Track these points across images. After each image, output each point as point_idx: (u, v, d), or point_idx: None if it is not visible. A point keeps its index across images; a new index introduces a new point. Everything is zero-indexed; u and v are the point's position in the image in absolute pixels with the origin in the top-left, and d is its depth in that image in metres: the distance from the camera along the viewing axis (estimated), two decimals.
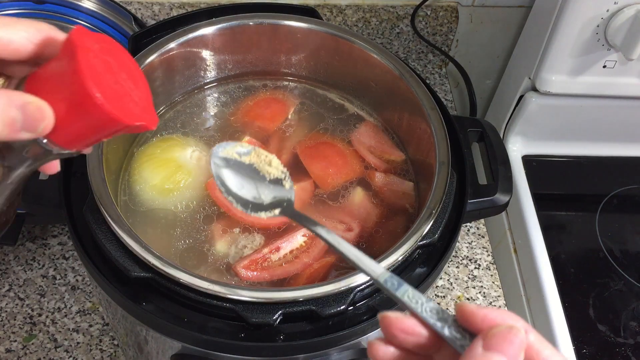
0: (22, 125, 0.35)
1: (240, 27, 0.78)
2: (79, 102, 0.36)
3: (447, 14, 1.13)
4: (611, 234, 0.98)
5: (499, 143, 0.75)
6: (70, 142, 0.38)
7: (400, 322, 0.33)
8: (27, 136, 0.36)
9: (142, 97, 0.40)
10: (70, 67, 0.35)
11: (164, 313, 0.59)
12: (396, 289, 0.35)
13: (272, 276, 0.66)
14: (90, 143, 0.39)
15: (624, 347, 0.87)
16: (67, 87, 0.36)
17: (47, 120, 0.36)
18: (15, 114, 0.35)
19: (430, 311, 0.33)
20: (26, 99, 0.35)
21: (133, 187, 0.73)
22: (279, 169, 0.48)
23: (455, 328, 0.33)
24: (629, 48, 0.85)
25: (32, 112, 0.35)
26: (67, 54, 0.36)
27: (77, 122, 0.37)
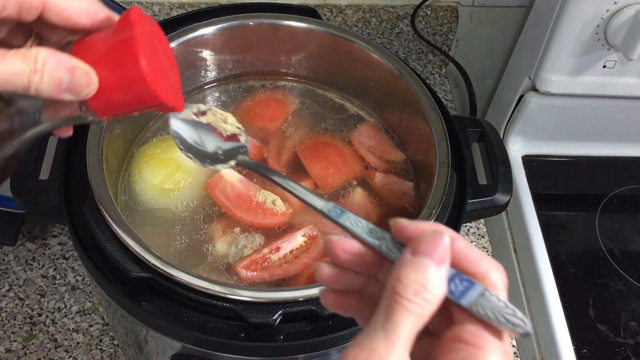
0: (67, 87, 0.37)
1: (240, 27, 0.78)
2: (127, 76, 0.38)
3: (447, 14, 1.13)
4: (611, 234, 0.98)
5: (499, 143, 0.75)
6: (103, 110, 0.40)
7: (342, 242, 0.36)
8: (69, 97, 0.38)
9: (175, 81, 0.43)
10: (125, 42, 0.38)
11: (164, 313, 0.59)
12: (339, 217, 0.37)
13: (272, 276, 0.66)
14: (119, 114, 0.41)
15: (624, 347, 0.86)
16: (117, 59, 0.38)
17: (92, 86, 0.38)
18: (63, 75, 0.37)
19: (369, 232, 0.36)
20: (75, 63, 0.37)
21: (133, 187, 0.73)
22: (235, 125, 0.50)
23: (392, 244, 0.35)
24: (629, 48, 0.85)
25: (79, 76, 0.37)
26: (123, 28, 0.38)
27: (118, 93, 0.39)
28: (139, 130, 0.78)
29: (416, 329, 0.31)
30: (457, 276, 0.33)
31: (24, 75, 0.36)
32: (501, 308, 0.31)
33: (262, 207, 0.71)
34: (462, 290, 0.32)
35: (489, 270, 0.33)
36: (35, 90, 0.37)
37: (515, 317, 0.31)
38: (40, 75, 0.36)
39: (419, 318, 0.31)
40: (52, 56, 0.37)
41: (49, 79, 0.36)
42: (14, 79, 0.36)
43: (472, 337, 0.31)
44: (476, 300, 0.32)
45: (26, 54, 0.36)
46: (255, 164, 0.48)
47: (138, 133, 0.78)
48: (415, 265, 0.32)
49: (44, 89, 0.37)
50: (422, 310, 0.31)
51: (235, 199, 0.71)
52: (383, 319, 0.31)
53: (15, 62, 0.36)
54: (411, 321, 0.31)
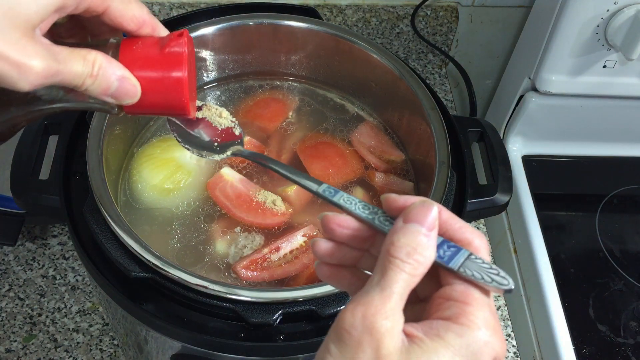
0: (113, 93, 0.41)
1: (240, 27, 0.78)
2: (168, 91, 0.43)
3: (447, 14, 1.13)
4: (611, 234, 0.98)
5: (499, 143, 0.75)
6: (132, 110, 0.44)
7: (337, 217, 0.39)
8: (109, 100, 0.42)
9: (195, 92, 0.46)
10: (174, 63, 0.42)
11: (164, 313, 0.59)
12: (333, 196, 0.41)
13: (271, 276, 0.66)
14: (143, 114, 0.45)
15: (624, 347, 0.87)
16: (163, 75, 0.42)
17: (135, 98, 0.42)
18: (113, 82, 0.41)
19: (362, 208, 0.39)
20: (125, 74, 0.41)
21: (133, 187, 0.73)
22: (229, 118, 0.53)
23: (384, 217, 0.38)
24: (629, 48, 0.85)
25: (126, 87, 0.41)
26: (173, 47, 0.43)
27: (154, 101, 0.43)
28: (139, 131, 0.78)
29: (408, 287, 0.34)
30: (445, 243, 0.36)
31: (82, 77, 0.39)
32: (486, 269, 0.34)
33: (262, 207, 0.71)
34: (450, 255, 0.35)
35: (472, 237, 0.36)
36: (86, 90, 0.40)
37: (499, 276, 0.34)
38: (94, 79, 0.40)
39: (410, 277, 0.34)
40: (107, 64, 0.40)
41: (99, 84, 0.40)
42: (72, 78, 0.39)
43: (461, 295, 0.34)
44: (463, 263, 0.35)
45: (86, 57, 0.40)
46: (250, 153, 0.51)
47: (138, 133, 0.78)
48: (407, 231, 0.35)
49: (93, 90, 0.40)
50: (413, 270, 0.34)
51: (235, 199, 0.71)
52: (379, 278, 0.34)
53: (77, 64, 0.39)
54: (404, 279, 0.33)
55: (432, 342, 0.33)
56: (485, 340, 0.33)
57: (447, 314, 0.34)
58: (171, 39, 0.44)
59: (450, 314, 0.34)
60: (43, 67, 0.37)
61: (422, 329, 0.34)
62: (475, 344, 0.33)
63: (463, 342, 0.33)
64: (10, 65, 0.36)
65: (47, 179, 0.67)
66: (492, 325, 0.34)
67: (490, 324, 0.34)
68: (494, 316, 0.34)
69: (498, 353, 0.34)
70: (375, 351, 0.32)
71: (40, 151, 0.69)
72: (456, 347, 0.33)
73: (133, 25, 0.43)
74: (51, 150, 0.70)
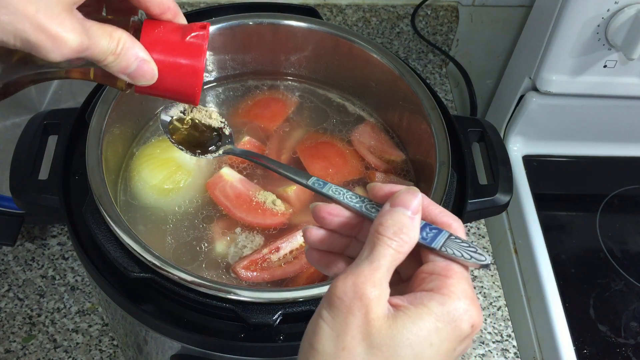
0: (131, 73, 0.42)
1: (240, 27, 0.78)
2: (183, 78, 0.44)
3: (448, 14, 1.13)
4: (612, 234, 0.98)
5: (500, 143, 0.75)
6: (142, 90, 0.45)
7: (326, 206, 0.42)
8: (125, 78, 0.43)
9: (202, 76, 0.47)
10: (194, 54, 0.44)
11: (163, 313, 0.59)
12: (322, 187, 0.43)
13: (271, 277, 0.66)
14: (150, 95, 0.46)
15: (625, 348, 0.86)
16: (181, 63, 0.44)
17: (149, 81, 0.43)
18: (133, 63, 0.42)
19: (350, 197, 0.42)
20: (145, 57, 0.43)
21: (132, 187, 0.73)
22: (219, 119, 0.55)
23: (370, 205, 0.41)
24: (629, 48, 0.84)
25: (144, 69, 0.43)
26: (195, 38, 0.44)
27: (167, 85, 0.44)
28: (139, 131, 0.78)
29: (394, 262, 0.37)
30: (427, 226, 0.39)
31: (105, 54, 0.41)
32: (465, 247, 0.38)
33: (262, 207, 0.71)
34: (432, 237, 0.39)
35: (451, 220, 0.40)
36: (105, 65, 0.42)
37: (477, 253, 0.38)
38: (115, 57, 0.41)
39: (396, 252, 0.37)
40: (130, 44, 0.42)
41: (120, 62, 0.42)
42: (96, 53, 0.40)
43: (443, 270, 0.38)
44: (444, 243, 0.38)
45: (112, 34, 0.41)
46: (241, 151, 0.54)
47: (137, 133, 0.78)
48: (394, 213, 0.38)
49: (112, 67, 0.42)
50: (399, 247, 0.37)
51: (235, 199, 0.71)
52: (368, 253, 0.37)
53: (103, 40, 0.40)
54: (390, 253, 0.37)
55: (417, 309, 0.36)
56: (464, 309, 0.36)
57: (430, 286, 0.37)
58: (194, 29, 0.45)
59: (432, 286, 0.37)
60: (77, 42, 0.39)
61: (407, 299, 0.37)
62: (456, 311, 0.36)
63: (444, 310, 0.36)
64: (46, 36, 0.37)
65: (47, 179, 0.67)
66: (470, 296, 0.37)
67: (469, 294, 0.37)
68: (471, 289, 0.38)
69: (475, 321, 0.37)
70: (365, 315, 0.35)
71: (39, 151, 0.69)
72: (438, 314, 0.36)
73: (158, 9, 0.45)
74: (50, 150, 0.70)
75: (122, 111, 0.71)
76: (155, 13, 0.45)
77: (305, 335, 0.37)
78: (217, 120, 0.54)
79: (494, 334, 0.90)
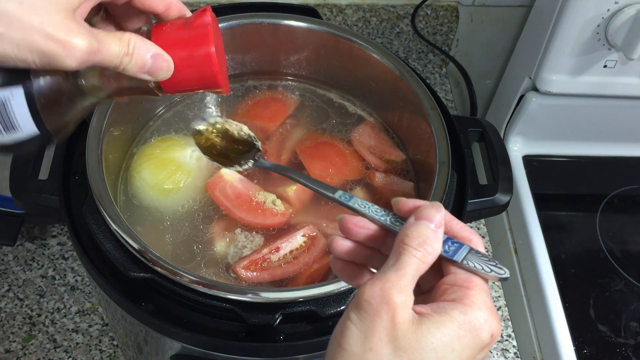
0: (149, 69, 0.44)
1: (240, 27, 0.78)
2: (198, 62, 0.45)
3: (448, 14, 1.13)
4: (612, 234, 0.98)
5: (499, 143, 0.75)
6: (170, 87, 0.47)
7: (353, 218, 0.44)
8: (147, 78, 0.45)
9: (225, 68, 0.50)
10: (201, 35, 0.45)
11: (163, 313, 0.59)
12: (349, 201, 0.45)
13: (271, 277, 0.66)
14: (179, 91, 0.48)
15: (625, 348, 0.86)
16: (192, 48, 0.45)
17: (168, 72, 0.45)
18: (148, 59, 0.44)
19: (375, 211, 0.43)
20: (158, 51, 0.44)
21: (132, 187, 0.73)
22: (248, 132, 0.57)
23: (394, 219, 0.43)
24: (629, 48, 0.84)
25: (160, 62, 0.44)
26: (199, 23, 0.46)
27: (187, 74, 0.46)
28: (139, 131, 0.78)
29: (418, 271, 0.39)
30: (449, 240, 0.41)
31: (119, 57, 0.43)
32: (485, 261, 0.40)
33: (262, 207, 0.71)
34: (454, 250, 0.40)
35: (471, 235, 0.42)
36: (123, 69, 0.44)
37: (497, 267, 0.40)
38: (130, 57, 0.43)
39: (421, 262, 0.39)
40: (140, 43, 0.44)
41: (135, 61, 0.43)
42: (111, 58, 0.43)
43: (464, 282, 0.40)
44: (466, 256, 0.40)
45: (121, 38, 0.43)
46: (271, 164, 0.55)
47: (137, 133, 0.78)
48: (419, 226, 0.40)
49: (130, 68, 0.44)
50: (423, 257, 0.39)
51: (235, 199, 0.71)
52: (394, 261, 0.39)
53: (114, 44, 0.42)
54: (415, 263, 0.39)
55: (440, 316, 0.38)
56: (485, 318, 0.38)
57: (452, 296, 0.39)
58: (196, 16, 0.47)
59: (455, 297, 0.39)
60: (86, 45, 0.40)
61: (430, 308, 0.39)
62: (477, 320, 0.38)
63: (466, 319, 0.38)
64: (56, 44, 0.39)
65: (47, 179, 0.67)
66: (490, 307, 0.39)
67: (489, 305, 0.39)
68: (491, 300, 0.40)
69: (495, 330, 0.39)
70: (391, 319, 0.37)
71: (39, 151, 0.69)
72: (460, 322, 0.38)
73: (162, 6, 0.47)
74: (50, 150, 0.70)
75: (122, 111, 0.71)
76: (160, 10, 0.47)
77: (333, 336, 0.39)
78: (247, 133, 0.57)
79: None
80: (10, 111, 0.43)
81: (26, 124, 0.44)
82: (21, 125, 0.44)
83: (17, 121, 0.43)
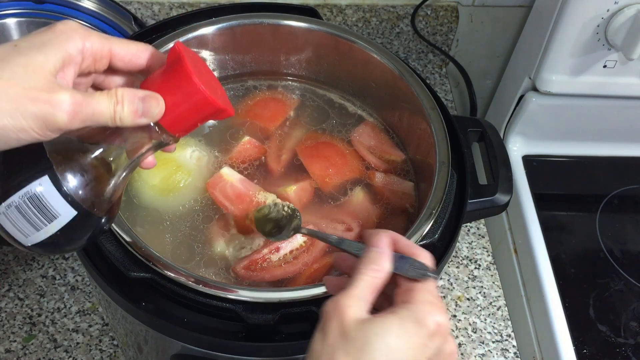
0: (142, 112, 0.47)
1: (240, 27, 0.78)
2: (185, 91, 0.47)
3: (447, 14, 1.13)
4: (612, 234, 0.98)
5: (499, 143, 0.75)
6: (173, 124, 0.49)
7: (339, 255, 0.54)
8: (144, 121, 0.47)
9: (222, 92, 0.52)
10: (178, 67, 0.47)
11: (164, 313, 0.59)
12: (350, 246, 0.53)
13: (271, 277, 0.66)
14: (188, 127, 0.50)
15: (625, 347, 0.86)
16: (175, 81, 0.47)
17: (160, 107, 0.47)
18: (138, 103, 0.46)
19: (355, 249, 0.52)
20: (145, 93, 0.47)
21: (133, 187, 0.73)
22: (291, 207, 0.67)
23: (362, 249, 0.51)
24: (629, 48, 0.85)
25: (150, 102, 0.47)
26: (173, 58, 0.48)
27: (182, 107, 0.48)
28: None
29: (372, 285, 0.46)
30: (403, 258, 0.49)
31: (110, 109, 0.45)
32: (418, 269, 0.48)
33: None
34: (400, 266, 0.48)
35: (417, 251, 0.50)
36: (119, 119, 0.46)
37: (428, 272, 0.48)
38: (121, 106, 0.46)
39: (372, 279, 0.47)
40: (128, 91, 0.46)
41: (127, 108, 0.46)
42: (103, 112, 0.45)
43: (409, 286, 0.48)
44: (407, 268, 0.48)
45: (109, 92, 0.46)
46: (309, 231, 0.64)
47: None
48: (367, 252, 0.49)
49: (125, 117, 0.46)
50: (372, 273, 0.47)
51: (235, 198, 0.71)
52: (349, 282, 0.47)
53: (103, 100, 0.45)
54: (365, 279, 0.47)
55: (387, 313, 0.45)
56: (427, 310, 0.45)
57: (400, 299, 0.47)
58: (169, 54, 0.48)
59: (403, 299, 0.47)
60: (70, 99, 0.43)
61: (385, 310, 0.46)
62: (419, 312, 0.45)
63: (409, 313, 0.45)
64: (43, 103, 0.42)
65: None
66: (432, 302, 0.46)
67: (430, 301, 0.46)
68: (434, 297, 0.47)
69: (439, 319, 0.45)
70: (341, 319, 0.44)
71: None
72: (403, 315, 0.45)
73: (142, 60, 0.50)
74: None
75: None
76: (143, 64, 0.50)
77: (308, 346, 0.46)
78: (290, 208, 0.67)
79: (494, 334, 0.90)
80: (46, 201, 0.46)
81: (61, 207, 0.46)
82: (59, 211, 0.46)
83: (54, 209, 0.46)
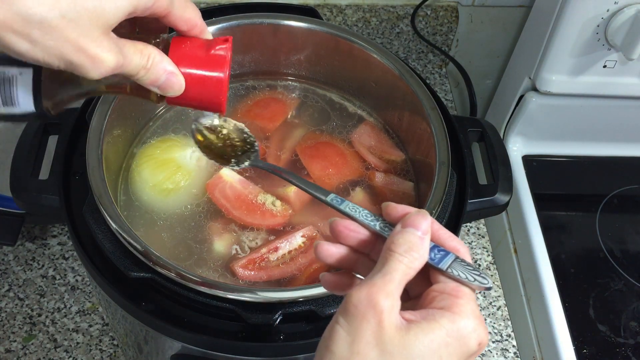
0: (160, 84, 0.46)
1: (240, 27, 0.78)
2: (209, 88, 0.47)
3: (447, 14, 1.13)
4: (611, 234, 0.98)
5: (499, 143, 0.75)
6: (173, 101, 0.48)
7: (344, 221, 0.44)
8: (154, 90, 0.47)
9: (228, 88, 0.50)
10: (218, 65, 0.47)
11: (163, 313, 0.59)
12: (340, 204, 0.45)
13: (269, 276, 0.66)
14: (180, 105, 0.49)
15: (624, 347, 0.86)
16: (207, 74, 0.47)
17: (177, 92, 0.47)
18: (162, 75, 0.46)
19: (365, 215, 0.44)
20: (174, 70, 0.46)
21: (133, 188, 0.73)
22: (247, 133, 0.58)
23: (384, 224, 0.43)
24: (629, 48, 0.85)
25: (172, 81, 0.46)
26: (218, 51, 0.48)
27: (193, 95, 0.48)
28: (139, 131, 0.78)
29: (405, 277, 0.39)
30: (436, 248, 0.42)
31: (137, 68, 0.45)
32: (470, 270, 0.40)
33: (261, 208, 0.71)
34: (439, 258, 0.41)
35: (457, 245, 0.42)
36: (137, 78, 0.45)
37: (480, 276, 0.40)
38: (146, 71, 0.45)
39: (407, 268, 0.39)
40: (159, 59, 0.46)
41: (150, 75, 0.45)
42: (130, 69, 0.44)
43: (453, 290, 0.40)
44: (451, 264, 0.41)
45: (143, 51, 0.45)
46: (265, 164, 0.56)
47: (138, 133, 0.78)
48: (405, 233, 0.41)
49: (143, 80, 0.46)
50: (409, 263, 0.39)
51: (235, 200, 0.71)
52: (381, 266, 0.39)
53: (135, 57, 0.44)
54: (402, 269, 0.39)
55: (429, 323, 0.38)
56: (473, 327, 0.39)
57: (441, 304, 0.40)
58: (217, 42, 0.48)
59: (443, 305, 0.39)
60: (113, 62, 0.42)
61: (419, 315, 0.39)
62: (465, 329, 0.39)
63: (455, 327, 0.38)
64: (86, 57, 0.41)
65: (47, 179, 0.67)
66: (478, 316, 0.40)
67: (477, 315, 0.40)
68: (478, 309, 0.40)
69: (482, 339, 0.39)
70: (378, 323, 0.37)
71: (39, 151, 0.69)
72: (448, 330, 0.38)
73: (186, 27, 0.48)
74: (51, 150, 0.70)
75: (122, 112, 0.71)
76: (183, 30, 0.48)
77: (322, 339, 0.39)
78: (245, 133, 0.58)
79: (494, 334, 0.90)
80: (14, 89, 0.45)
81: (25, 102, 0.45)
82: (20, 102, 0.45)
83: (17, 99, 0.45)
